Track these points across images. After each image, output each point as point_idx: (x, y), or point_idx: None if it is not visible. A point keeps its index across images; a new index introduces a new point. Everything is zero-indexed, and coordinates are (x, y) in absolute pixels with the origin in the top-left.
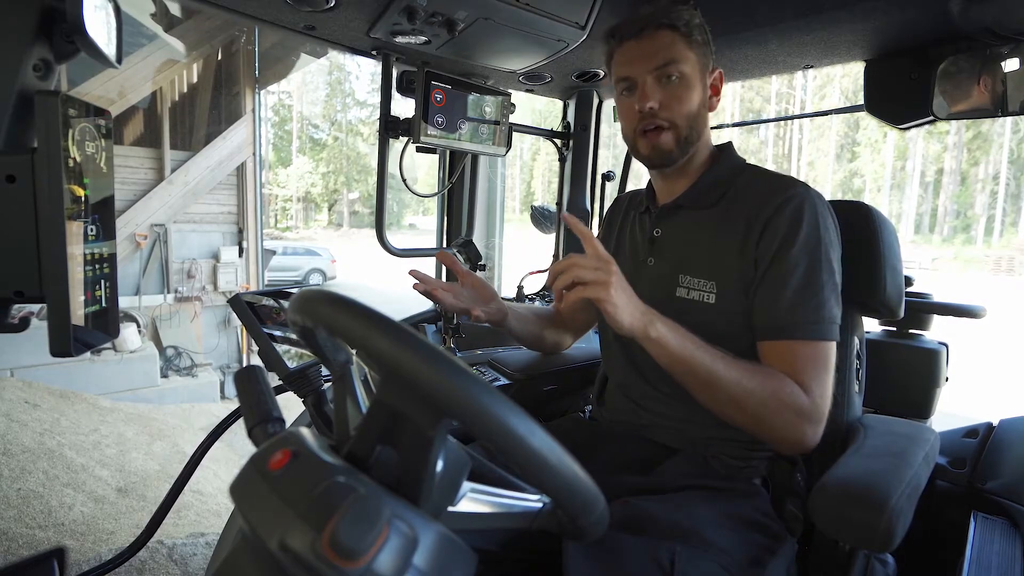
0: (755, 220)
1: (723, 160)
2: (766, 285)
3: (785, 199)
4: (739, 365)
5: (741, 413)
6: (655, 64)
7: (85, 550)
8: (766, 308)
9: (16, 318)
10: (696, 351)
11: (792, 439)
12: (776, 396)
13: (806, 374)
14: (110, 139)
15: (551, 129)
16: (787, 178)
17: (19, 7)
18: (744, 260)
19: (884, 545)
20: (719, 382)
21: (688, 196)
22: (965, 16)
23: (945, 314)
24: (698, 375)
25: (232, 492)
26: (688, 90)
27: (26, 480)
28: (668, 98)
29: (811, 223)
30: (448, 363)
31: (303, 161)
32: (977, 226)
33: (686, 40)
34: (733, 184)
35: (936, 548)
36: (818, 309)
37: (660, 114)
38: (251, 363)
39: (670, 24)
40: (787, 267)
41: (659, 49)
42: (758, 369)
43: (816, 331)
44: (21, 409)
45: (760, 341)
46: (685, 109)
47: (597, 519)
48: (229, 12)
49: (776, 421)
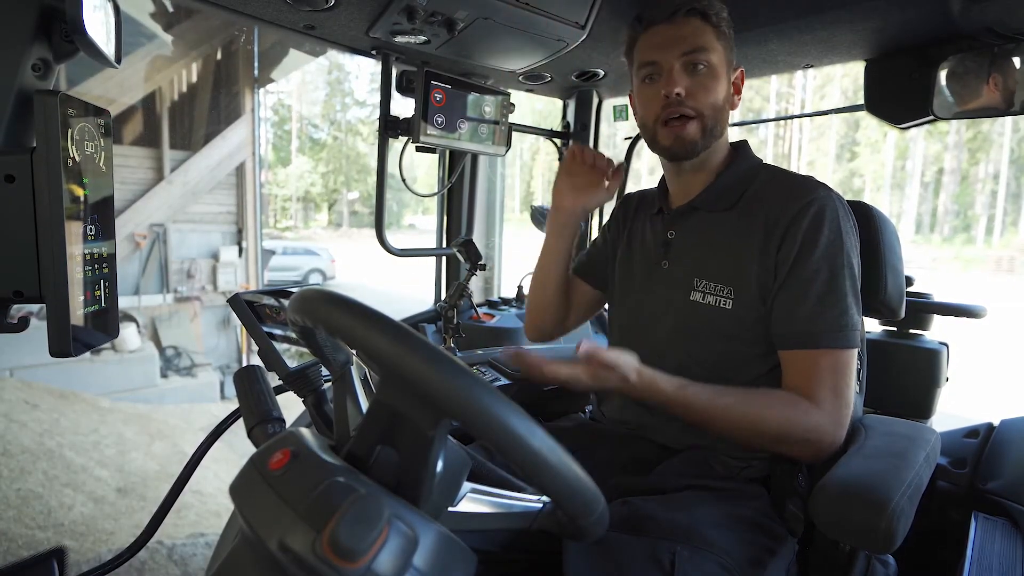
0: (774, 225)
1: (740, 160)
2: (786, 293)
3: (806, 204)
4: (748, 402)
5: (758, 442)
6: (684, 49)
7: (85, 550)
8: (786, 317)
9: (15, 318)
10: (700, 399)
11: (810, 454)
12: (789, 422)
13: (826, 383)
14: (109, 138)
15: (551, 129)
16: (807, 180)
17: (19, 7)
18: (762, 266)
19: (885, 546)
20: (732, 431)
21: (704, 198)
22: (966, 15)
23: (946, 314)
24: (711, 425)
25: (232, 492)
26: (715, 80)
27: (26, 480)
28: (695, 86)
29: (832, 229)
30: (448, 363)
31: (302, 161)
32: (977, 226)
33: (715, 31)
34: (750, 186)
35: (937, 549)
36: (840, 317)
37: (687, 102)
38: (251, 363)
39: (702, 12)
40: (808, 275)
41: (689, 35)
42: (768, 401)
43: (837, 339)
44: (21, 409)
45: (780, 350)
46: (711, 99)
47: (597, 519)
48: (229, 12)
49: (793, 447)
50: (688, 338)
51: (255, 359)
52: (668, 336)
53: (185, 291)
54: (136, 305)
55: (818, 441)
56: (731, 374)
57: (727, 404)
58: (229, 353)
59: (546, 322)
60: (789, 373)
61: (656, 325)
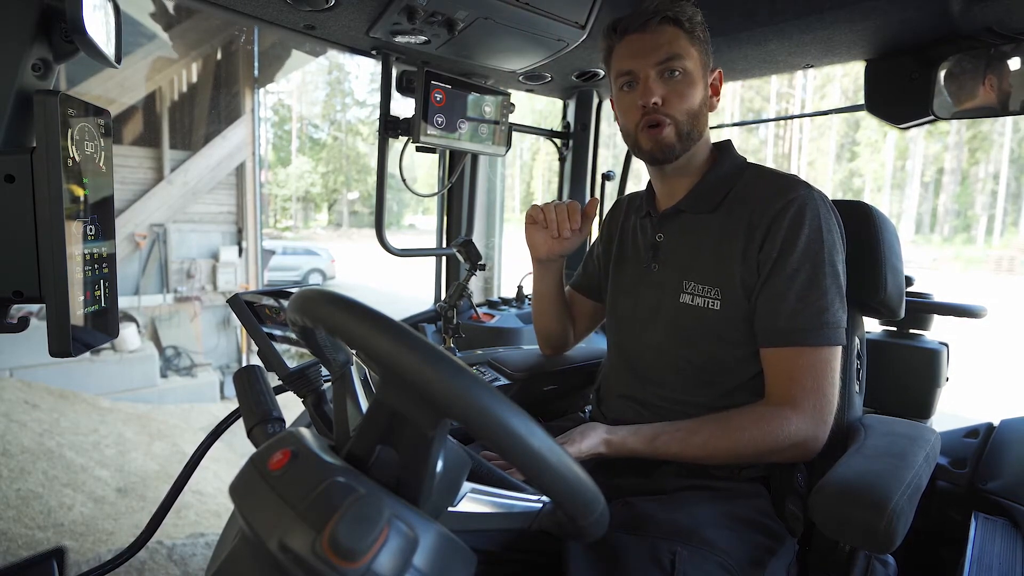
0: (756, 225)
1: (723, 160)
2: (768, 291)
3: (786, 203)
4: (724, 431)
5: (746, 462)
6: (659, 58)
7: (85, 550)
8: (768, 314)
9: (15, 318)
10: (673, 446)
11: (799, 457)
12: (770, 437)
13: (805, 382)
14: (109, 138)
15: (551, 129)
16: (789, 178)
17: (19, 7)
18: (746, 266)
19: (885, 546)
20: (717, 460)
21: (689, 200)
22: (966, 15)
23: (945, 314)
24: (696, 462)
25: (232, 492)
26: (690, 86)
27: (26, 480)
28: (670, 93)
29: (813, 227)
30: (448, 363)
31: (302, 161)
32: (977, 226)
33: (689, 36)
34: (734, 186)
35: (937, 548)
36: (820, 314)
37: (662, 109)
38: (251, 363)
39: (674, 19)
40: (789, 273)
41: (663, 43)
42: (742, 422)
43: (819, 337)
44: (21, 409)
45: (762, 347)
46: (687, 105)
47: (597, 519)
48: (229, 12)
49: (781, 456)
50: (681, 340)
51: (255, 359)
52: (662, 338)
53: (185, 291)
54: (136, 305)
55: (803, 444)
56: (725, 375)
57: (703, 441)
58: (229, 353)
59: (554, 340)
60: (770, 372)
61: (649, 328)
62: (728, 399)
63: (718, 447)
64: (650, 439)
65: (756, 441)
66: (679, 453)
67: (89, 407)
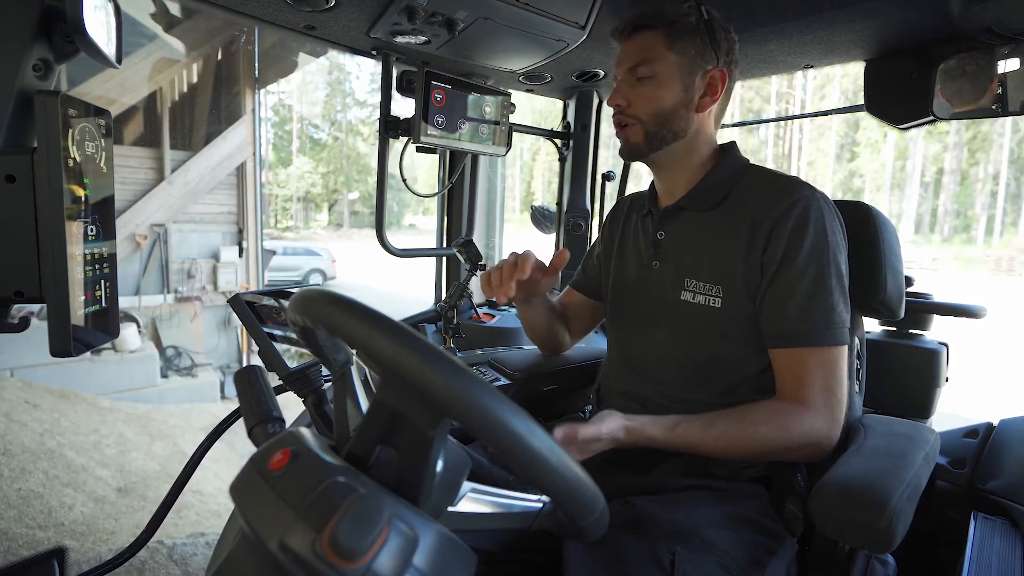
0: (759, 226)
1: (726, 160)
2: (773, 293)
3: (790, 204)
4: (741, 424)
5: (760, 459)
6: (630, 64)
7: (85, 550)
8: (774, 316)
9: (16, 318)
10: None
11: (811, 456)
12: (786, 433)
13: (816, 382)
14: (110, 138)
15: (551, 129)
16: (791, 180)
17: (19, 7)
18: (749, 266)
19: (884, 545)
20: (731, 454)
21: (690, 198)
22: (965, 16)
23: (945, 314)
24: (711, 454)
25: (232, 492)
26: (658, 88)
27: (26, 480)
28: (636, 96)
29: (817, 228)
30: (448, 363)
31: (303, 161)
32: (977, 226)
33: (667, 40)
34: (736, 186)
35: (936, 548)
36: (827, 315)
37: (627, 111)
38: (251, 363)
39: (649, 25)
40: (794, 274)
41: (636, 49)
42: (759, 417)
43: (825, 337)
44: (21, 409)
45: (771, 348)
46: (652, 107)
47: (597, 519)
48: (229, 12)
49: (794, 454)
50: (682, 337)
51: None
52: (664, 336)
53: (185, 291)
54: (136, 305)
55: (817, 443)
56: (726, 372)
57: (720, 432)
58: (229, 353)
59: (547, 346)
60: (780, 373)
61: (651, 325)
62: (729, 397)
63: (738, 439)
64: (671, 427)
65: (775, 435)
66: (698, 443)
67: (90, 407)
